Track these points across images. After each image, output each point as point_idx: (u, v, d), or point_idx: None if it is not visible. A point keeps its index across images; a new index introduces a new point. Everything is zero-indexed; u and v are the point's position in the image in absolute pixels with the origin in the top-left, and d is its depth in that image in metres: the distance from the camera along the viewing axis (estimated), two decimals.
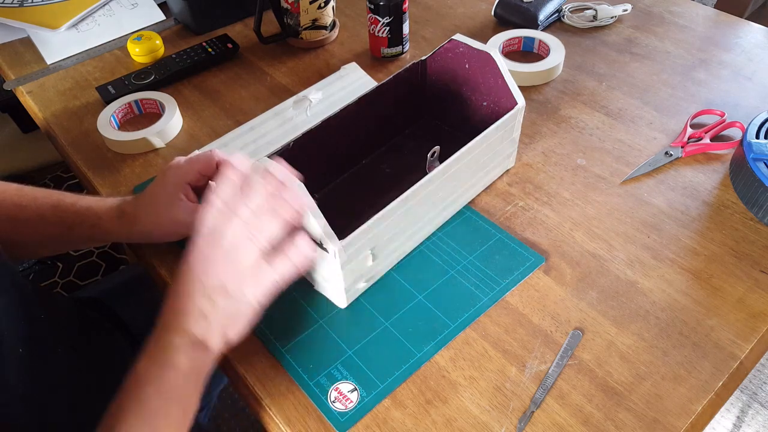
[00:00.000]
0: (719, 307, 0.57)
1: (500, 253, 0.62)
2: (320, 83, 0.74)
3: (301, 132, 0.61)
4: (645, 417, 0.50)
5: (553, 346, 0.55)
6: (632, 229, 0.64)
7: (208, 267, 0.46)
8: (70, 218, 0.60)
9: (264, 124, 0.70)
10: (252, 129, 0.69)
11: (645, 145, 0.74)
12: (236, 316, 0.47)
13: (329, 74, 0.78)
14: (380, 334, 0.56)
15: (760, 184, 0.63)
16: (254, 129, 0.69)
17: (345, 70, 0.77)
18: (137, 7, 1.03)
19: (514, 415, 0.50)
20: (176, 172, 0.57)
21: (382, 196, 0.56)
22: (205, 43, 0.93)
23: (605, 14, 0.95)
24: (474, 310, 0.58)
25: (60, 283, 1.02)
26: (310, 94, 0.72)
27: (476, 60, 0.67)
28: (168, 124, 0.78)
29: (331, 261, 0.52)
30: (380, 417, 0.51)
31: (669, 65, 0.87)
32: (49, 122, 0.83)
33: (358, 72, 0.78)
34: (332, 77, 0.76)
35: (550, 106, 0.81)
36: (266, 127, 0.70)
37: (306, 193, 0.49)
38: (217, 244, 0.46)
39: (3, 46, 0.98)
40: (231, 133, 0.69)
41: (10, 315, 0.52)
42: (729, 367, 0.53)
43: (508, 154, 0.70)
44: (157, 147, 0.77)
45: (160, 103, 0.82)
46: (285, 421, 0.51)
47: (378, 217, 0.53)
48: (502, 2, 0.95)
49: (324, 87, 0.74)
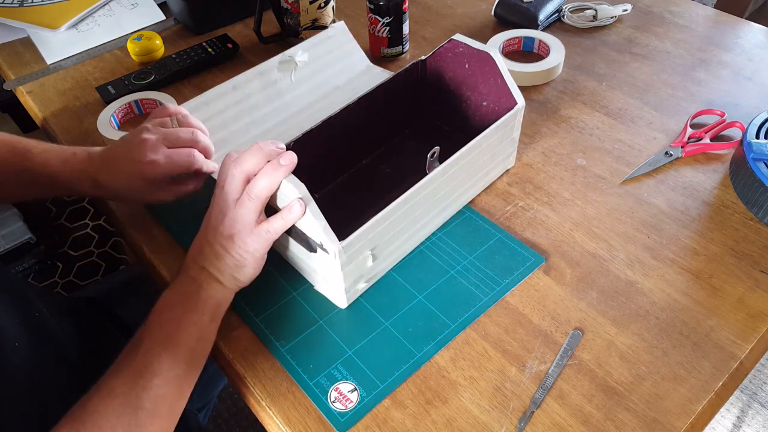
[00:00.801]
0: (719, 307, 0.57)
1: (500, 253, 0.62)
2: (306, 43, 0.71)
3: (301, 132, 0.61)
4: (645, 417, 0.50)
5: (553, 346, 0.55)
6: (632, 229, 0.64)
7: (220, 219, 0.52)
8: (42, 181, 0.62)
9: (248, 84, 0.67)
10: (235, 88, 0.67)
11: (645, 145, 0.74)
12: (243, 262, 0.53)
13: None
14: (380, 334, 0.56)
15: (760, 184, 0.63)
16: (237, 88, 0.67)
17: (333, 30, 0.75)
18: (137, 7, 1.03)
19: (514, 415, 0.50)
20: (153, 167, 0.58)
21: (382, 196, 0.56)
22: (205, 43, 0.93)
23: (605, 14, 0.95)
24: (474, 310, 0.58)
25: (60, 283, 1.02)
26: (296, 55, 0.70)
27: (476, 60, 0.67)
28: None
29: (331, 261, 0.52)
30: (380, 417, 0.51)
31: (669, 65, 0.87)
32: (49, 122, 0.83)
33: (346, 35, 0.75)
34: (320, 36, 0.73)
35: (550, 106, 0.81)
36: (250, 87, 0.68)
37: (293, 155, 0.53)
38: (225, 196, 0.52)
39: (3, 46, 0.98)
40: (212, 91, 0.66)
41: (9, 315, 0.52)
42: (729, 367, 0.53)
43: (508, 154, 0.70)
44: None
45: (160, 103, 0.82)
46: (285, 421, 0.51)
47: (378, 218, 0.53)
48: (502, 2, 0.95)
49: (310, 48, 0.71)
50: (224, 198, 0.52)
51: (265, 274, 0.62)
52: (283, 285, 0.61)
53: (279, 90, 0.68)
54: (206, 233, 0.54)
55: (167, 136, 0.59)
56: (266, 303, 0.59)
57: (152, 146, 0.58)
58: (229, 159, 0.54)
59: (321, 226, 0.50)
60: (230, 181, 0.52)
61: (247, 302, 0.59)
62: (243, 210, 0.52)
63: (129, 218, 0.69)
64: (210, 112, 0.64)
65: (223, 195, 0.53)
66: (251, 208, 0.52)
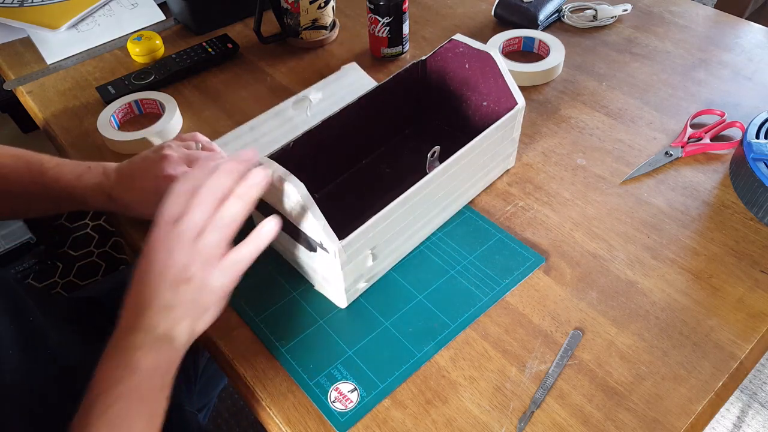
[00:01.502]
0: (719, 307, 0.57)
1: (500, 253, 0.62)
2: (320, 83, 0.74)
3: (301, 132, 0.61)
4: (645, 417, 0.50)
5: (553, 346, 0.55)
6: (632, 229, 0.64)
7: (170, 256, 0.44)
8: (54, 195, 0.62)
9: (264, 124, 0.70)
10: (252, 129, 0.69)
11: (645, 145, 0.74)
12: (202, 305, 0.45)
13: (329, 74, 0.78)
14: (380, 334, 0.56)
15: (760, 184, 0.63)
16: (254, 129, 0.69)
17: (344, 71, 0.77)
18: (137, 7, 1.03)
19: (514, 415, 0.50)
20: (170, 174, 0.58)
21: (382, 196, 0.56)
22: (205, 43, 0.93)
23: (605, 14, 0.95)
24: (474, 310, 0.58)
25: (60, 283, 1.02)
26: (310, 94, 0.72)
27: (476, 60, 0.67)
28: (168, 124, 0.78)
29: (331, 261, 0.52)
30: (380, 417, 0.51)
31: (669, 65, 0.87)
32: (49, 122, 0.83)
33: (358, 72, 0.78)
34: (332, 77, 0.76)
35: (550, 106, 0.81)
36: (266, 127, 0.70)
37: (266, 170, 0.48)
38: (180, 231, 0.44)
39: (3, 46, 0.98)
40: (230, 134, 0.69)
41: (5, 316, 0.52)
42: (729, 367, 0.53)
43: (508, 154, 0.70)
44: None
45: (160, 103, 0.81)
46: (285, 421, 0.51)
47: (378, 217, 0.53)
48: (502, 2, 0.95)
49: (324, 87, 0.74)
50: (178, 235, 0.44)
51: (265, 274, 0.62)
52: (283, 285, 0.61)
53: (295, 126, 0.70)
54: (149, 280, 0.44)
55: (189, 155, 0.60)
56: (266, 303, 0.59)
57: (172, 162, 0.58)
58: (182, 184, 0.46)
59: (321, 226, 0.50)
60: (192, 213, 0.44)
61: (247, 302, 0.59)
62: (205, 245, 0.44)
63: (129, 218, 0.69)
64: (228, 152, 0.66)
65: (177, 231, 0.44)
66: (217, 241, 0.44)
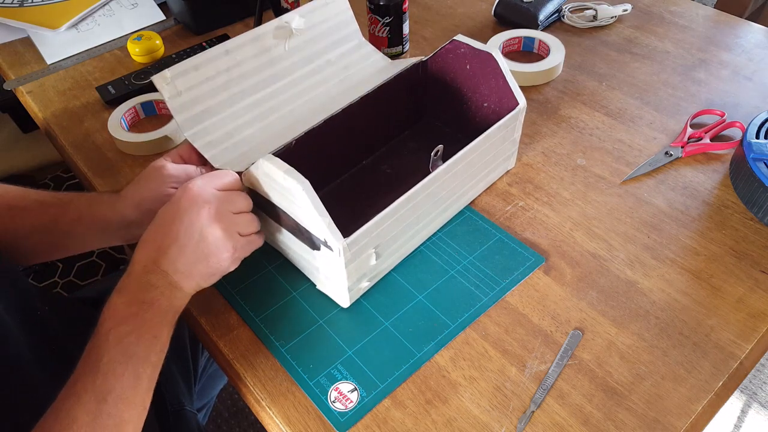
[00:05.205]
0: (719, 307, 0.57)
1: (500, 253, 0.62)
2: (304, 8, 0.69)
3: (302, 132, 0.61)
4: (645, 417, 0.50)
5: (553, 346, 0.55)
6: (632, 229, 0.64)
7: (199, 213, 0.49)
8: (80, 231, 0.60)
9: (240, 49, 0.65)
10: (228, 53, 0.64)
11: (645, 145, 0.74)
12: (213, 266, 0.51)
13: None
14: (380, 334, 0.56)
15: (760, 184, 0.63)
16: (230, 53, 0.65)
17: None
18: (137, 7, 1.03)
19: (514, 415, 0.50)
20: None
21: (383, 197, 0.56)
22: (205, 43, 0.93)
23: (605, 14, 0.95)
24: (474, 310, 0.58)
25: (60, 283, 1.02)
26: (293, 21, 0.68)
27: (477, 60, 0.67)
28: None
29: (335, 259, 0.52)
30: (380, 417, 0.51)
31: (669, 65, 0.87)
32: (49, 122, 0.83)
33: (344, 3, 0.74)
34: (318, 3, 0.71)
35: (550, 106, 0.81)
36: (242, 53, 0.65)
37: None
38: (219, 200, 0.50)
39: (3, 46, 0.98)
40: (203, 54, 0.63)
41: (12, 315, 0.52)
42: (729, 367, 0.53)
43: (509, 155, 0.70)
44: (172, 147, 0.77)
45: None
46: (285, 421, 0.51)
47: (383, 215, 0.53)
48: (502, 2, 0.95)
49: (307, 14, 0.69)
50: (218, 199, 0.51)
51: (265, 274, 0.62)
52: (283, 285, 0.61)
53: (272, 58, 0.67)
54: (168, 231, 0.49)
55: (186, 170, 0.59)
56: (266, 303, 0.59)
57: (167, 176, 0.58)
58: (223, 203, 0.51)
59: (325, 223, 0.50)
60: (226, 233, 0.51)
61: (247, 302, 0.59)
62: (238, 219, 0.52)
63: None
64: (199, 78, 0.61)
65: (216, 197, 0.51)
66: (248, 222, 0.53)
